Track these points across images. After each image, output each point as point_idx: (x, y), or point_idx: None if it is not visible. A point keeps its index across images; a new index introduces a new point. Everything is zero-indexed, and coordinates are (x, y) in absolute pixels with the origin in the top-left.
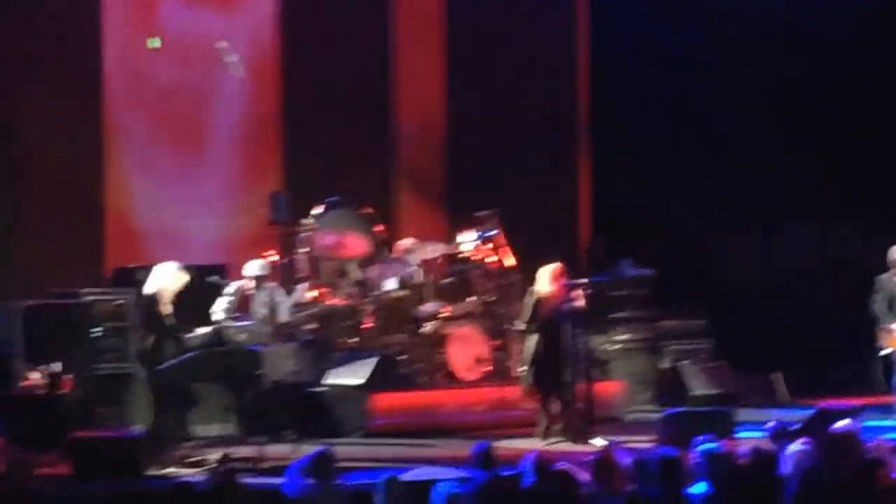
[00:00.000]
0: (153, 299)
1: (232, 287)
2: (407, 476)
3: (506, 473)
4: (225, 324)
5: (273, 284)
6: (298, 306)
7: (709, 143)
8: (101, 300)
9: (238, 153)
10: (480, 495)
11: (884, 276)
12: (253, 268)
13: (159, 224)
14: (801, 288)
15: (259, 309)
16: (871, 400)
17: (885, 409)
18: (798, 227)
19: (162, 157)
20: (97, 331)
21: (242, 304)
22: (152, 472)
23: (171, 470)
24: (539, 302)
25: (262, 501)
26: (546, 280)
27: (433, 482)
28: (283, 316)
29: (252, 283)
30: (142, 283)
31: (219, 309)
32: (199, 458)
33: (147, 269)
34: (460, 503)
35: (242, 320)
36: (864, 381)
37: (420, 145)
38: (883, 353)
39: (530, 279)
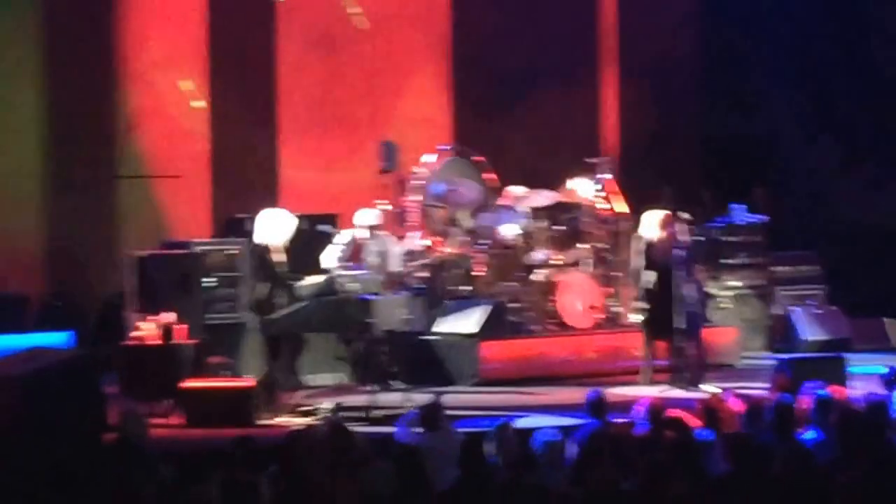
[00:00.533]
0: (265, 248)
1: (345, 236)
2: (519, 423)
3: (617, 420)
4: (336, 272)
5: (385, 233)
6: (410, 255)
7: (820, 86)
8: (213, 250)
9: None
10: (592, 442)
11: None
12: (365, 217)
13: (271, 174)
14: None
15: (371, 258)
16: None
17: None
18: None
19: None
20: (209, 281)
21: (355, 253)
22: (264, 420)
23: (283, 419)
24: (649, 247)
25: (374, 449)
26: (654, 226)
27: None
28: (395, 265)
29: (365, 233)
30: (252, 232)
31: (331, 257)
32: (312, 406)
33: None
34: (558, 450)
35: (354, 269)
36: None
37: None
38: None
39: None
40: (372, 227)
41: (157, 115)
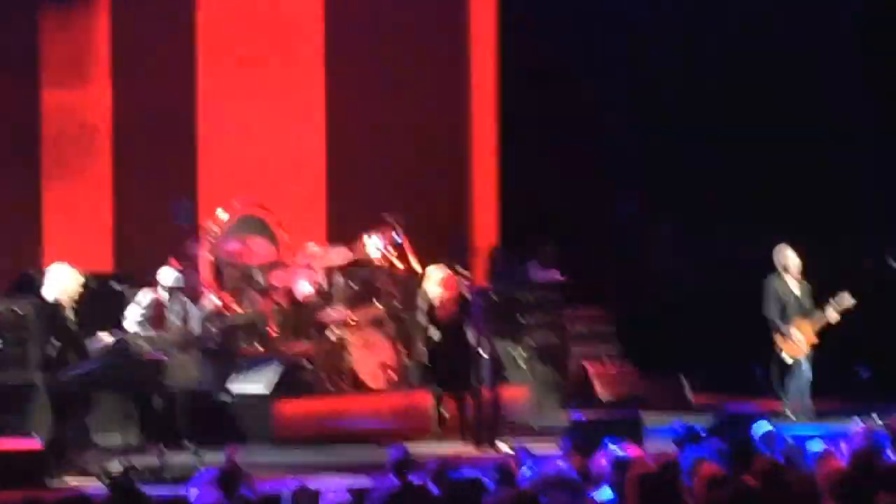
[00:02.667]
0: (55, 305)
1: (146, 299)
2: (312, 484)
3: (416, 481)
4: (132, 333)
5: (184, 296)
6: (207, 317)
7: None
8: (1, 308)
9: None
10: (389, 502)
11: (775, 280)
12: (167, 278)
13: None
14: (706, 290)
15: (172, 318)
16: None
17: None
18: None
19: None
20: None
21: (157, 315)
22: (54, 482)
23: (72, 479)
24: (430, 306)
25: None
26: (435, 284)
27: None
28: (195, 326)
29: (166, 294)
30: (40, 288)
31: (132, 320)
32: (101, 467)
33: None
34: None
35: (157, 333)
36: (763, 383)
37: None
38: (788, 361)
39: None
40: (172, 289)
41: None
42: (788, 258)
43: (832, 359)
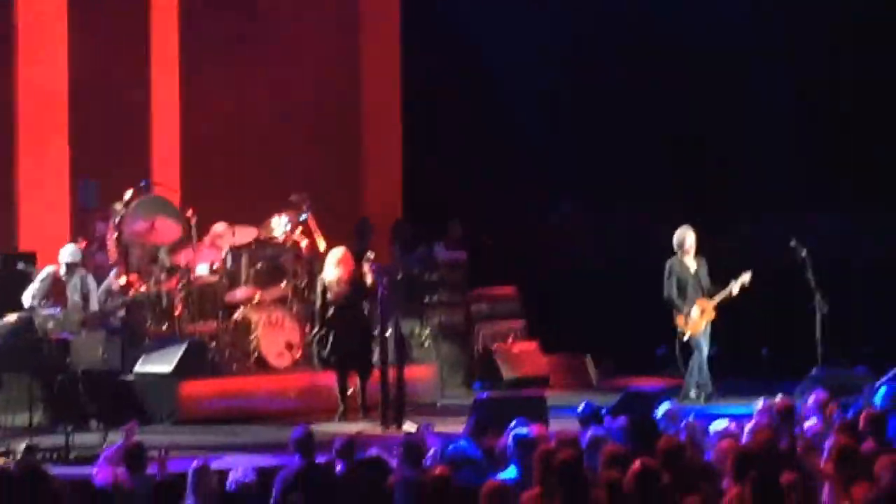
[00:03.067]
0: None
1: (43, 273)
2: (217, 464)
3: (321, 460)
4: (35, 311)
5: (84, 271)
6: (109, 293)
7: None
8: None
9: None
10: (295, 482)
11: (673, 260)
12: (64, 254)
13: None
14: (613, 270)
15: (72, 295)
16: (672, 381)
17: (676, 391)
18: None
19: None
20: None
21: (55, 291)
22: None
23: None
24: (326, 287)
25: (71, 491)
26: (331, 264)
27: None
28: (95, 304)
29: (64, 269)
30: None
31: (28, 295)
32: (5, 447)
33: None
34: (251, 491)
35: (54, 307)
36: (668, 363)
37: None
38: (684, 338)
39: None
40: (70, 265)
41: None
42: (685, 238)
43: (737, 340)
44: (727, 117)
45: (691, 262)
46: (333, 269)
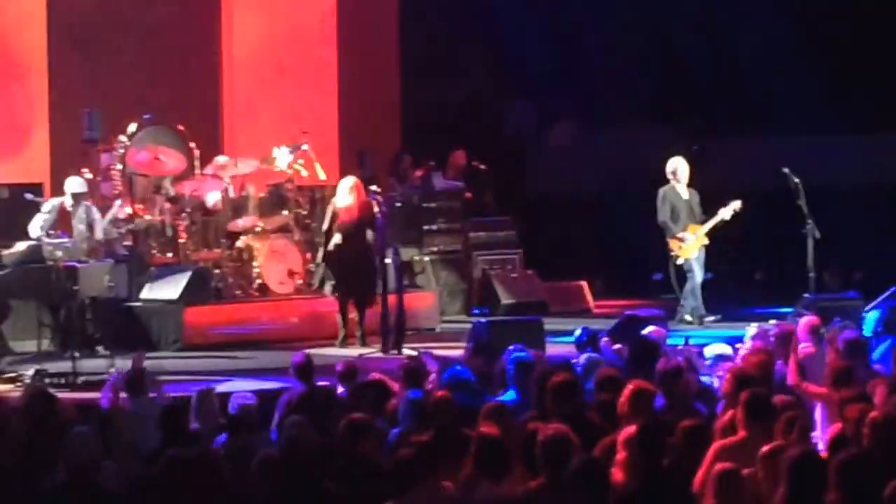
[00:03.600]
0: None
1: (49, 204)
2: (221, 388)
3: (322, 384)
4: (42, 240)
5: (90, 202)
6: (114, 222)
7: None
8: None
9: None
10: (298, 405)
11: (666, 188)
12: (71, 185)
13: None
14: (609, 197)
15: (78, 225)
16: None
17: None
18: (605, 134)
19: None
20: None
21: (62, 221)
22: None
23: None
24: (335, 213)
25: (79, 415)
26: (343, 192)
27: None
28: (100, 233)
29: (70, 200)
30: None
31: (35, 226)
32: (15, 373)
33: None
34: (253, 412)
35: (60, 237)
36: (663, 288)
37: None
38: (678, 262)
39: None
40: (76, 195)
41: None
42: (678, 167)
43: (731, 267)
44: (718, 39)
45: (683, 191)
46: (346, 195)
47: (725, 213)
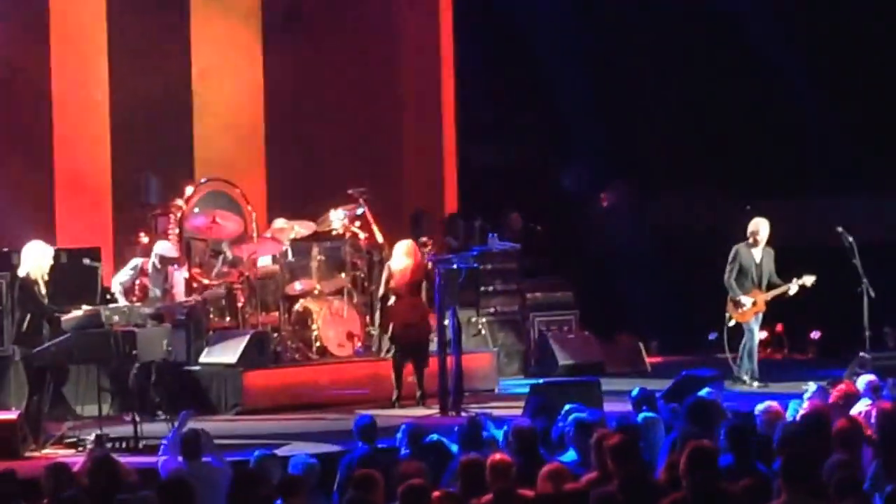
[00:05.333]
0: (27, 280)
1: (132, 262)
2: (282, 452)
3: (383, 445)
4: (99, 306)
5: (177, 266)
6: (173, 286)
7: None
8: None
9: None
10: (360, 466)
11: (740, 246)
12: (163, 248)
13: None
14: (663, 257)
15: (154, 289)
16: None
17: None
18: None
19: None
20: None
21: (140, 282)
22: (29, 453)
23: (48, 450)
24: (390, 275)
25: (141, 480)
26: (398, 255)
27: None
28: (181, 296)
29: (158, 263)
30: (16, 265)
31: (117, 281)
32: (76, 438)
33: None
34: (314, 472)
35: (134, 301)
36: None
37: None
38: (730, 323)
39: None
40: (165, 258)
41: None
42: (759, 228)
43: (786, 324)
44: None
45: (757, 253)
46: (401, 258)
47: (792, 288)
